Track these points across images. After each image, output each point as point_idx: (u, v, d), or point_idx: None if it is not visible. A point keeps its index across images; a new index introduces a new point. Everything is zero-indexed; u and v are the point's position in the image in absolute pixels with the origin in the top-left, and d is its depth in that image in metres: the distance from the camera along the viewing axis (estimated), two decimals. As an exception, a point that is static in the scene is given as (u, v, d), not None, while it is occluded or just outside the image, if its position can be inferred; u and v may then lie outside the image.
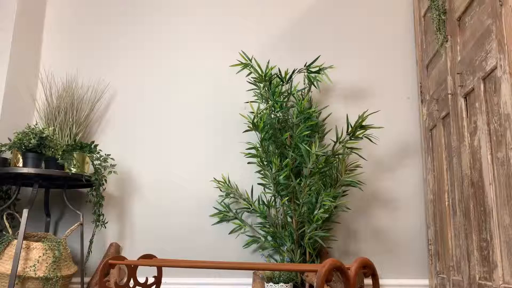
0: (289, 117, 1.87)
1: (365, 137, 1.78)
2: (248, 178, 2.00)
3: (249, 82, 1.92)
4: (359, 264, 0.75)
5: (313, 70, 1.87)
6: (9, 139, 1.80)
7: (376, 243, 1.89)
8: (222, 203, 1.94)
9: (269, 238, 1.87)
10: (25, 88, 2.09)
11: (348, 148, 1.78)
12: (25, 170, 1.64)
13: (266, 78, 1.82)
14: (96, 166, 1.85)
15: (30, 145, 1.66)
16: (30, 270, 1.58)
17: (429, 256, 1.81)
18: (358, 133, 1.76)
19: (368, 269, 0.79)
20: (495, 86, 1.23)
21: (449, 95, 1.56)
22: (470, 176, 1.39)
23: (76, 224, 1.77)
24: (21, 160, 1.72)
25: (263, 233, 1.89)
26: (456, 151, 1.50)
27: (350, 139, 1.77)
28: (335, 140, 1.81)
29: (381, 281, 1.84)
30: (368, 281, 1.81)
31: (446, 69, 1.60)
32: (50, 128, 1.74)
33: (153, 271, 1.92)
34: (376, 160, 1.97)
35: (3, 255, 1.60)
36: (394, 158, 1.97)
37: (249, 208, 1.88)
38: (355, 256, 1.88)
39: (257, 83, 1.87)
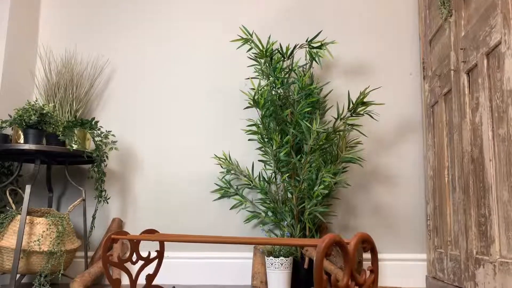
0: (290, 93, 1.86)
1: (366, 113, 1.77)
2: (249, 155, 2.00)
3: (250, 58, 1.89)
4: (358, 239, 0.76)
5: (315, 45, 1.84)
6: (10, 116, 1.80)
7: (375, 218, 1.92)
8: (223, 180, 1.95)
9: (270, 213, 1.89)
10: (24, 63, 2.07)
11: (349, 124, 1.78)
12: (27, 146, 1.65)
13: (267, 53, 1.80)
14: (97, 142, 1.86)
15: (30, 121, 1.66)
16: (35, 245, 1.60)
17: (427, 231, 1.84)
18: (359, 109, 1.75)
19: (367, 244, 0.80)
20: (498, 62, 1.22)
21: (452, 71, 1.54)
22: (470, 152, 1.39)
23: (78, 200, 1.79)
24: (22, 137, 1.72)
25: (263, 208, 1.91)
26: (457, 127, 1.50)
27: (351, 116, 1.76)
28: (336, 117, 1.80)
29: (379, 256, 1.87)
30: (367, 255, 1.85)
31: (449, 45, 1.58)
32: (50, 105, 1.74)
33: (155, 245, 1.96)
34: (377, 136, 1.97)
35: (8, 230, 1.63)
36: (394, 135, 1.97)
37: (250, 185, 1.90)
38: (355, 231, 1.91)
39: (258, 59, 1.85)
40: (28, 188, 1.62)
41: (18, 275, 1.71)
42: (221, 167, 1.99)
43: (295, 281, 1.76)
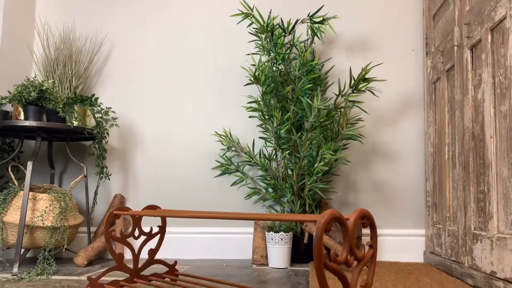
0: (291, 70, 1.84)
1: (367, 90, 1.76)
2: (250, 132, 2.00)
3: (250, 33, 1.87)
4: (358, 215, 0.76)
5: (317, 20, 1.81)
6: (9, 92, 1.79)
7: (375, 194, 1.93)
8: (224, 157, 1.96)
9: (270, 190, 1.90)
10: (21, 39, 2.05)
11: (350, 101, 1.77)
12: (27, 123, 1.65)
13: (268, 28, 1.77)
14: (98, 119, 1.85)
15: (30, 98, 1.65)
16: (38, 220, 1.62)
17: (426, 207, 1.85)
18: (360, 86, 1.74)
19: (366, 219, 0.81)
20: (502, 38, 1.20)
21: (455, 47, 1.52)
22: (471, 129, 1.39)
23: (80, 176, 1.80)
24: (22, 113, 1.71)
25: (264, 185, 1.92)
26: (459, 104, 1.49)
27: (353, 92, 1.75)
28: (337, 94, 1.79)
29: (378, 231, 1.89)
30: (366, 231, 1.87)
31: (453, 20, 1.55)
32: (50, 81, 1.72)
33: (157, 221, 1.98)
34: (378, 113, 1.96)
35: (11, 206, 1.65)
36: (395, 112, 1.96)
37: (251, 161, 1.91)
38: (354, 207, 1.93)
39: (259, 34, 1.82)
40: (29, 165, 1.63)
41: (22, 250, 1.74)
42: (222, 144, 1.99)
43: (295, 256, 1.79)
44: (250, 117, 1.98)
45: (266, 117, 1.81)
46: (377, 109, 1.97)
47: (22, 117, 1.72)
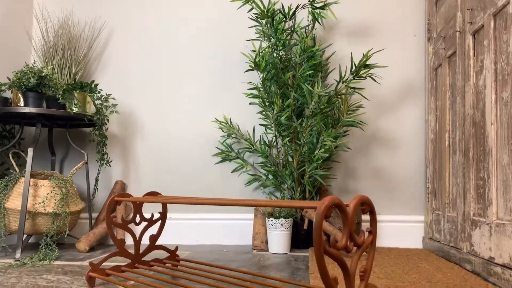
0: (292, 56, 1.83)
1: (368, 76, 1.75)
2: (250, 119, 2.00)
3: (251, 19, 1.85)
4: (358, 202, 0.77)
5: (318, 5, 1.79)
6: (8, 78, 1.78)
7: (375, 181, 1.94)
8: (224, 143, 1.96)
9: (270, 176, 1.91)
10: (20, 25, 2.03)
11: (351, 88, 1.76)
12: (27, 109, 1.64)
13: (269, 14, 1.75)
14: (98, 105, 1.85)
15: (29, 84, 1.64)
16: (40, 206, 1.63)
17: (426, 194, 1.86)
18: (361, 72, 1.73)
19: (366, 206, 0.81)
20: (505, 23, 1.19)
21: (457, 33, 1.51)
22: (472, 116, 1.38)
23: (81, 163, 1.81)
24: (22, 100, 1.71)
25: (264, 172, 1.93)
26: (460, 90, 1.48)
27: (354, 79, 1.74)
28: (338, 80, 1.78)
29: (378, 217, 1.90)
30: (366, 217, 1.88)
31: (456, 5, 1.53)
32: (49, 67, 1.71)
33: (158, 207, 1.99)
34: (379, 100, 1.96)
35: (12, 192, 1.65)
36: (396, 98, 1.95)
37: (251, 148, 1.91)
38: (354, 193, 1.93)
39: (259, 20, 1.81)
40: (30, 151, 1.63)
41: (24, 236, 1.76)
42: (222, 131, 1.99)
43: (294, 241, 1.80)
44: (250, 103, 1.97)
45: (267, 103, 1.81)
46: (378, 96, 1.96)
47: (22, 103, 1.71)
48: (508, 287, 1.11)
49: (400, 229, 1.89)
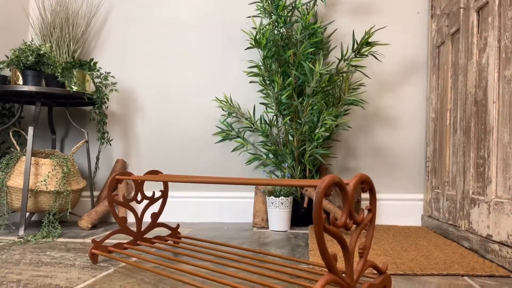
0: (293, 33, 1.80)
1: (370, 54, 1.73)
2: (250, 98, 1.99)
3: (251, -5, 1.81)
4: (358, 180, 0.77)
5: (319, -19, 1.76)
6: (6, 56, 1.76)
7: (375, 160, 1.94)
8: (225, 122, 1.96)
9: (271, 155, 1.91)
10: (16, 1, 1.99)
11: (352, 66, 1.75)
12: (26, 88, 1.63)
13: (269, -10, 1.72)
14: (97, 84, 1.84)
15: (28, 62, 1.63)
16: (41, 185, 1.64)
17: (426, 172, 1.87)
18: (363, 50, 1.71)
19: (366, 184, 0.82)
20: (510, 0, 1.16)
21: (461, 9, 1.48)
22: (474, 94, 1.37)
23: (81, 142, 1.81)
24: (20, 78, 1.70)
25: (265, 151, 1.93)
26: (463, 68, 1.47)
27: (355, 57, 1.72)
28: (339, 58, 1.76)
29: (378, 196, 1.92)
30: (365, 195, 1.89)
31: (460, -19, 1.50)
32: (47, 45, 1.69)
33: (159, 186, 2.01)
34: (380, 78, 1.94)
35: (14, 170, 1.66)
36: (398, 76, 1.93)
37: (251, 127, 1.90)
38: (354, 172, 1.94)
39: (260, -4, 1.77)
40: (30, 130, 1.63)
41: (27, 213, 1.77)
42: (223, 110, 1.98)
43: (294, 219, 1.82)
44: (250, 82, 1.96)
45: (267, 82, 1.80)
46: (379, 74, 1.94)
47: (20, 82, 1.70)
48: (505, 264, 1.13)
49: (400, 207, 1.91)
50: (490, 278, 1.05)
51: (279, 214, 1.71)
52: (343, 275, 0.77)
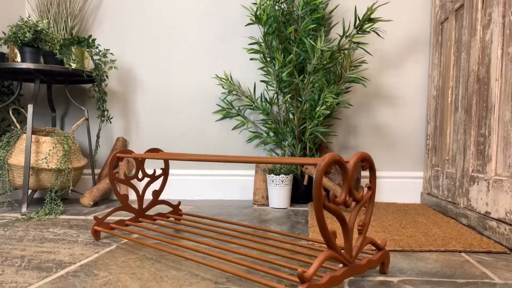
0: (294, 9, 1.77)
1: (372, 31, 1.71)
2: (251, 75, 1.97)
3: (252, -30, 1.77)
4: (358, 158, 0.77)
5: (321, -45, 1.71)
6: (4, 33, 1.74)
7: (375, 138, 1.94)
8: (225, 100, 1.95)
9: (271, 134, 1.91)
10: (12, -24, 1.95)
11: (354, 43, 1.72)
12: (24, 65, 1.62)
13: (270, -36, 1.68)
14: (96, 61, 1.82)
15: (25, 39, 1.60)
16: (43, 163, 1.65)
17: (426, 150, 1.87)
18: (365, 26, 1.68)
19: (366, 162, 0.82)
20: (517, -26, 1.14)
21: (466, -16, 1.45)
22: (477, 72, 1.36)
23: (81, 119, 1.80)
24: (18, 55, 1.68)
25: (265, 129, 1.93)
26: (466, 45, 1.45)
27: (357, 33, 1.70)
28: (341, 35, 1.74)
29: (378, 173, 1.93)
30: (365, 173, 1.90)
31: (466, -46, 1.47)
32: (44, 21, 1.67)
33: (160, 163, 2.01)
34: (382, 55, 1.92)
35: (15, 148, 1.66)
36: (400, 54, 1.91)
37: (252, 105, 1.89)
38: (354, 150, 1.94)
39: (260, -29, 1.73)
40: (30, 108, 1.63)
41: (29, 191, 1.79)
42: (223, 87, 1.97)
43: (294, 197, 1.84)
44: (251, 59, 1.94)
45: (268, 59, 1.78)
46: (381, 51, 1.92)
47: (19, 59, 1.69)
48: (502, 240, 1.14)
49: (399, 184, 1.92)
50: (487, 254, 1.06)
51: (279, 192, 1.73)
52: (342, 251, 0.78)
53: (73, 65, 1.73)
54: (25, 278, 0.85)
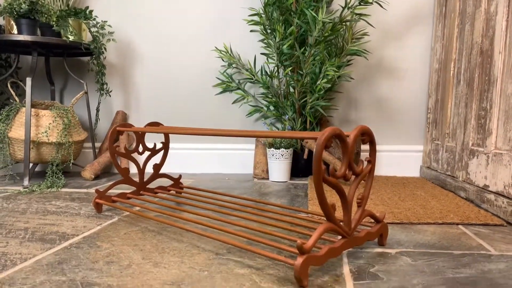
0: (295, -21, 1.73)
1: (375, 2, 1.67)
2: (251, 48, 1.94)
3: None
4: (358, 132, 0.77)
5: None
6: (-1, 4, 1.70)
7: (376, 111, 1.93)
8: (225, 74, 1.93)
9: (271, 108, 1.90)
10: None
11: (356, 14, 1.69)
12: (21, 37, 1.59)
13: None
14: (94, 33, 1.79)
15: (21, 10, 1.57)
16: (43, 136, 1.65)
17: (426, 124, 1.87)
18: (368, -3, 1.64)
19: (366, 136, 0.82)
20: None
21: (473, -47, 1.41)
22: (480, 44, 1.34)
23: (81, 93, 1.79)
24: (15, 27, 1.65)
25: (265, 103, 1.91)
26: (470, 17, 1.42)
27: (360, 4, 1.66)
28: (343, 6, 1.70)
29: (378, 147, 1.93)
30: (365, 146, 1.91)
31: None
32: (40, -8, 1.63)
33: (160, 137, 2.02)
34: (384, 27, 1.89)
35: (15, 122, 1.66)
36: (403, 26, 1.88)
37: (252, 79, 1.88)
38: (355, 124, 1.94)
39: None
40: (28, 81, 1.61)
41: (31, 164, 1.80)
42: (223, 60, 1.94)
43: (294, 170, 1.85)
44: (251, 31, 1.90)
45: (268, 31, 1.75)
46: (384, 23, 1.88)
47: (15, 31, 1.66)
48: (499, 213, 1.16)
49: (399, 158, 1.92)
50: (484, 227, 1.08)
51: (279, 166, 1.73)
52: (341, 223, 0.79)
53: (71, 38, 1.71)
54: (29, 250, 0.87)
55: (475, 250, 0.89)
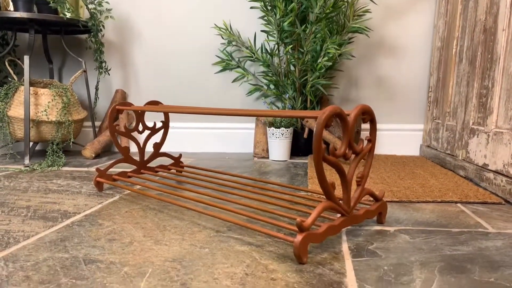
0: (296, -46, 1.69)
1: (377, -22, 1.64)
2: (251, 25, 1.91)
3: None
4: (359, 111, 0.77)
5: None
6: (-7, -20, 1.67)
7: (377, 90, 1.92)
8: (224, 52, 1.90)
9: (272, 86, 1.89)
10: None
11: (358, -10, 1.66)
12: (17, 14, 1.57)
13: None
14: (91, 10, 1.76)
15: (17, -14, 1.54)
16: (42, 115, 1.65)
17: (427, 102, 1.86)
18: (370, -27, 1.61)
19: (367, 115, 0.81)
20: None
21: None
22: (484, 21, 1.32)
23: (79, 71, 1.78)
24: (11, 4, 1.62)
25: (265, 81, 1.90)
26: (474, -6, 1.40)
27: (361, -20, 1.63)
28: (345, -18, 1.67)
29: (378, 126, 1.93)
30: (365, 125, 1.90)
31: None
32: (35, -33, 1.60)
33: (160, 116, 2.01)
34: (386, 4, 1.85)
35: (14, 101, 1.65)
36: (406, 2, 1.84)
37: (252, 57, 1.86)
38: (356, 103, 1.93)
39: None
40: (26, 59, 1.60)
41: (31, 143, 1.80)
42: (222, 38, 1.92)
43: (294, 149, 1.85)
44: (251, 8, 1.87)
45: (269, 8, 1.72)
46: (386, 0, 1.85)
47: (11, 8, 1.63)
48: (498, 192, 1.16)
49: (399, 137, 1.92)
50: (483, 205, 1.09)
51: (279, 145, 1.74)
52: (341, 202, 0.79)
53: (68, 14, 1.68)
54: (32, 227, 0.88)
55: (473, 228, 0.90)
